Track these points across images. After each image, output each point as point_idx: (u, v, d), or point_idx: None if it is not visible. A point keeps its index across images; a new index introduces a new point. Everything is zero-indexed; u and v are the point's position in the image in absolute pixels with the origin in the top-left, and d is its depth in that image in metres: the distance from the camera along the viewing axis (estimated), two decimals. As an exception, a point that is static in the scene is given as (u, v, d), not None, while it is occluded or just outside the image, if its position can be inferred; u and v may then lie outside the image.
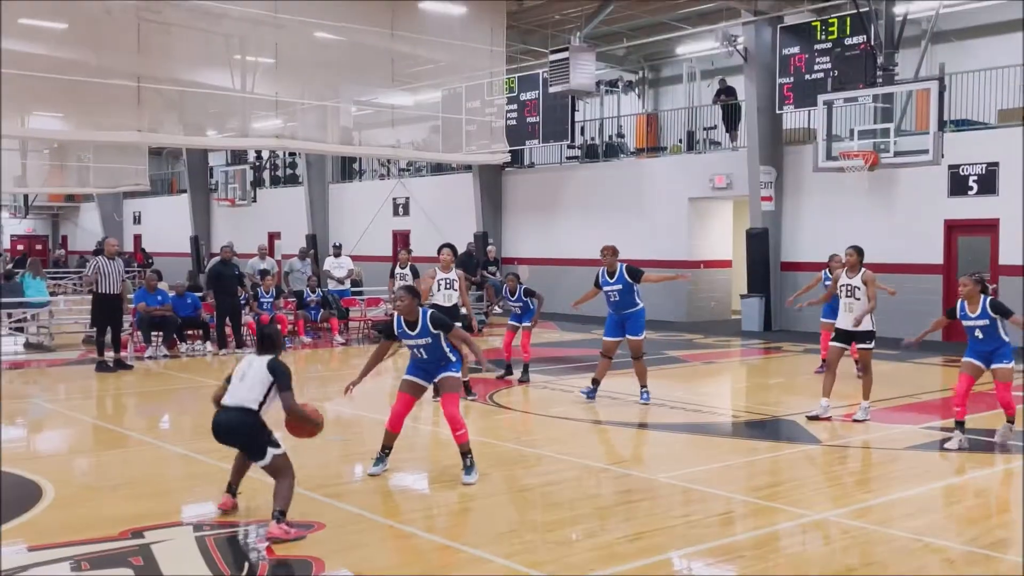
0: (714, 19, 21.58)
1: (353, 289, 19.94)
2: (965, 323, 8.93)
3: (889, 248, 17.29)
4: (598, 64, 20.95)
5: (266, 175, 35.13)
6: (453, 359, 7.73)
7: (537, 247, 24.96)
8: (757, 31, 19.32)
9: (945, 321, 9.52)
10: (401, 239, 28.90)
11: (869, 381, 10.24)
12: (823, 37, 18.20)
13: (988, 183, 16.85)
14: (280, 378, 6.46)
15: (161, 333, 15.67)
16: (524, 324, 13.25)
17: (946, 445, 8.88)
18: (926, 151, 15.40)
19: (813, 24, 18.51)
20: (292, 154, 32.43)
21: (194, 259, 33.82)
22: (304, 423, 6.70)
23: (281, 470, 6.36)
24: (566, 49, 18.26)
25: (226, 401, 6.51)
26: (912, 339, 9.61)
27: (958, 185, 17.19)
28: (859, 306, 10.09)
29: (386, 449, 7.94)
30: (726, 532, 6.39)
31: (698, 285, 21.85)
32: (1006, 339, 8.85)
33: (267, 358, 6.59)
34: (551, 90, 19.37)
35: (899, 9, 16.48)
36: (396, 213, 28.98)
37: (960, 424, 8.90)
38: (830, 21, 18.15)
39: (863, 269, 10.23)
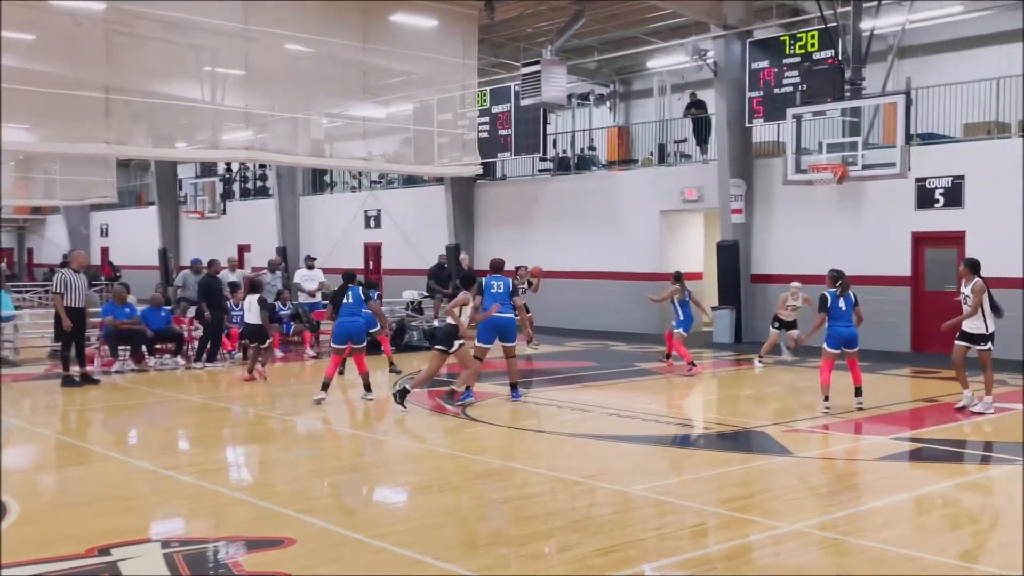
0: (684, 33, 21.76)
1: (324, 302, 19.81)
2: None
3: (858, 260, 17.43)
4: (570, 77, 21.05)
5: (236, 187, 34.94)
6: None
7: (510, 259, 24.84)
8: (727, 45, 19.48)
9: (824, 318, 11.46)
10: (373, 251, 28.83)
11: (988, 378, 11.16)
12: (792, 52, 18.38)
13: (954, 196, 17.07)
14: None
15: (128, 347, 15.51)
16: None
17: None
18: (893, 164, 15.56)
19: (782, 39, 18.69)
20: (262, 166, 32.28)
21: (162, 272, 33.53)
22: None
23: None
24: (538, 62, 18.31)
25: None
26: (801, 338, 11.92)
27: (925, 198, 17.40)
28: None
29: None
30: (698, 544, 6.39)
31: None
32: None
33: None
34: (523, 103, 19.41)
35: (866, 24, 16.66)
36: (368, 226, 28.90)
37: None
38: (798, 36, 18.34)
39: (975, 279, 11.03)
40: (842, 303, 11.45)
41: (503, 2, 19.76)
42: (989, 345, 11.11)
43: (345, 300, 12.13)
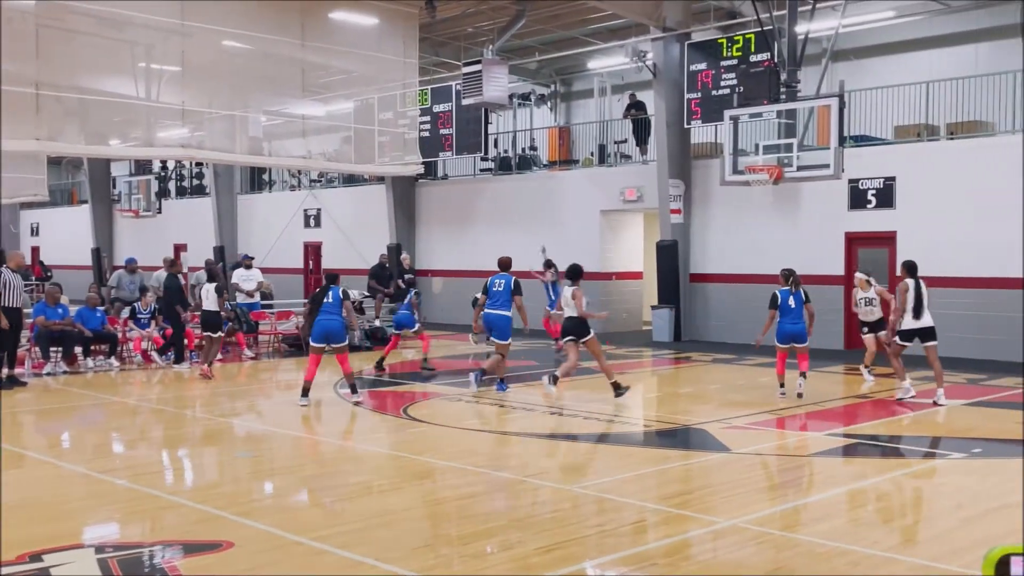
0: (624, 35, 21.96)
1: (263, 302, 19.58)
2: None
3: (792, 259, 17.67)
4: (511, 77, 21.09)
5: (172, 186, 34.34)
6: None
7: (451, 259, 24.95)
8: (665, 47, 19.69)
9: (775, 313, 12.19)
10: (313, 251, 28.57)
11: (897, 368, 12.07)
12: (729, 54, 18.65)
13: (886, 197, 17.47)
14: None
15: (60, 349, 15.16)
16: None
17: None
18: (827, 166, 15.87)
19: (719, 41, 18.95)
20: (199, 164, 31.78)
21: (96, 272, 32.82)
22: None
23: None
24: (479, 62, 18.33)
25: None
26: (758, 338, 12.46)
27: (857, 199, 17.79)
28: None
29: None
30: (639, 541, 6.46)
31: (610, 296, 22.11)
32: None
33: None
34: (464, 102, 19.41)
35: (801, 28, 16.98)
36: (307, 225, 28.62)
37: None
38: (735, 38, 18.62)
39: (904, 280, 11.83)
40: (792, 300, 12.10)
41: (444, 1, 19.74)
42: (896, 338, 11.89)
43: (325, 300, 11.99)
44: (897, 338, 11.86)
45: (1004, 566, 1.84)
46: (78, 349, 15.42)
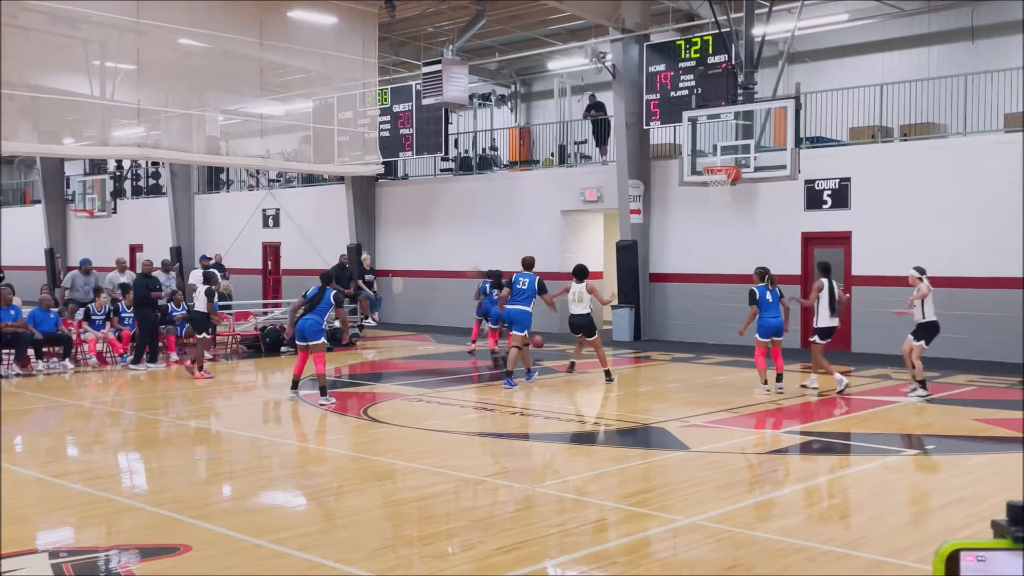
0: (583, 36, 22.04)
1: (221, 303, 19.36)
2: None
3: (750, 259, 17.90)
4: (471, 77, 21.09)
5: (127, 185, 33.86)
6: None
7: (411, 259, 24.87)
8: (624, 48, 19.79)
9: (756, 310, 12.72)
10: (272, 251, 28.34)
11: (815, 364, 13.06)
12: (687, 56, 18.81)
13: (841, 197, 17.72)
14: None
15: (12, 351, 14.91)
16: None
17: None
18: (784, 167, 16.02)
19: (677, 43, 19.10)
20: (155, 164, 31.39)
21: (49, 273, 32.28)
22: None
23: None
24: (439, 62, 18.30)
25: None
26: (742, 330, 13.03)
27: (813, 199, 18.01)
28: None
29: None
30: (599, 539, 6.50)
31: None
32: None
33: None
34: (424, 102, 19.35)
35: (757, 31, 17.15)
36: (266, 225, 28.37)
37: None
38: (693, 40, 18.77)
39: (818, 279, 12.84)
40: (769, 296, 12.76)
41: (403, 1, 19.68)
42: (815, 337, 12.84)
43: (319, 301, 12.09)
44: (817, 337, 12.75)
45: (954, 561, 1.88)
46: (31, 351, 15.17)
